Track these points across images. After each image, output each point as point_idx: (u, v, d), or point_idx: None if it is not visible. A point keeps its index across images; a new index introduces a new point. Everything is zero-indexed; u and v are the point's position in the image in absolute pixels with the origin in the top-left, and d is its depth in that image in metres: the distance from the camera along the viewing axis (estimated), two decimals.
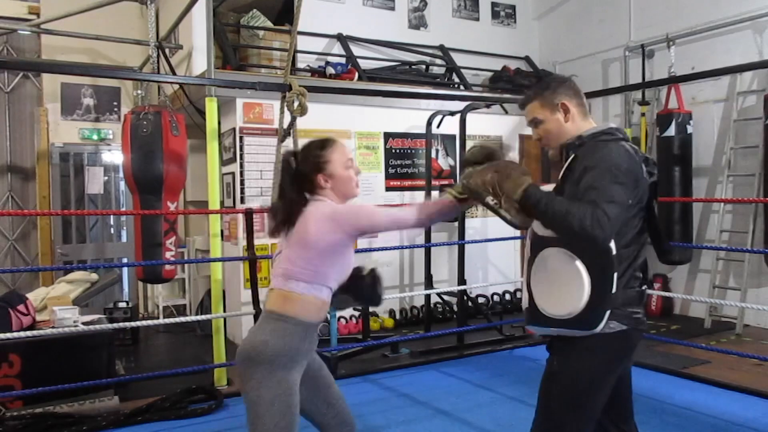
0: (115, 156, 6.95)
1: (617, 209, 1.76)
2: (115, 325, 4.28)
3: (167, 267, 4.65)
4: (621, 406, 2.14)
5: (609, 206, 1.73)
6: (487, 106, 6.15)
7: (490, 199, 1.94)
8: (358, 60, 6.46)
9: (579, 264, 1.84)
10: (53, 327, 3.97)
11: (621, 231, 1.88)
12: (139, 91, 5.28)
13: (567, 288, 1.87)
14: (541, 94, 2.05)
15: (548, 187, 1.99)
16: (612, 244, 1.83)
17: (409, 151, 6.55)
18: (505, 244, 6.66)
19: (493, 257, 6.90)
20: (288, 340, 2.02)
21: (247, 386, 2.00)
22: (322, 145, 2.18)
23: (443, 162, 6.73)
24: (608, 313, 1.85)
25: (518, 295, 6.93)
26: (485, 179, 1.93)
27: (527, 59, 7.85)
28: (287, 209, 2.13)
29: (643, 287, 2.01)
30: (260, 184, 5.53)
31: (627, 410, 2.17)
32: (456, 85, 7.08)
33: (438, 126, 6.20)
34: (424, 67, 7.09)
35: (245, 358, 2.01)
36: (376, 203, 6.10)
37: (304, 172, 2.15)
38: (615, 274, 1.84)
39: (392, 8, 7.08)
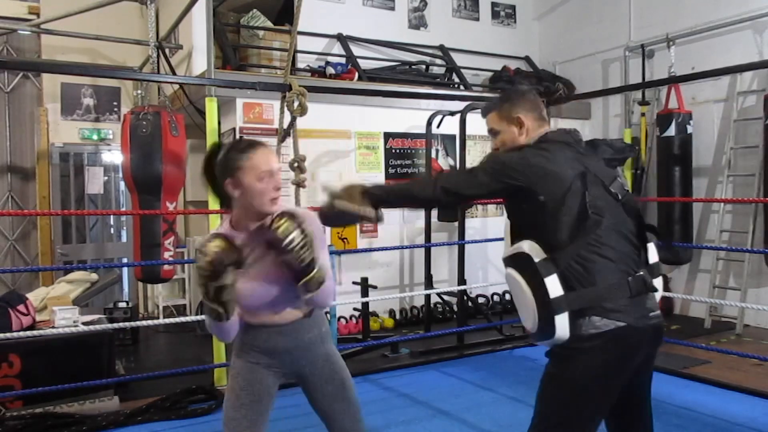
0: (115, 156, 6.95)
1: (459, 180, 1.99)
2: (115, 325, 4.28)
3: (166, 267, 4.65)
4: (631, 417, 2.00)
5: (450, 176, 1.94)
6: None
7: (355, 207, 2.01)
8: (358, 60, 6.46)
9: (519, 278, 1.89)
10: (53, 327, 3.97)
11: (552, 233, 1.84)
12: (139, 91, 5.28)
13: (522, 304, 1.91)
14: (500, 107, 2.10)
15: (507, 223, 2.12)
16: (527, 249, 1.86)
17: (409, 151, 6.54)
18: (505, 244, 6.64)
19: (493, 257, 6.89)
20: (238, 334, 2.10)
21: None
22: (242, 148, 1.96)
23: (443, 162, 6.73)
24: (562, 316, 1.80)
25: None
26: (337, 201, 2.05)
27: (527, 59, 7.85)
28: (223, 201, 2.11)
29: (637, 273, 1.87)
30: None
31: (639, 421, 2.02)
32: (456, 85, 7.08)
33: (438, 126, 6.19)
34: (424, 67, 7.09)
35: None
36: None
37: (216, 172, 1.99)
38: (550, 278, 1.81)
39: (392, 8, 7.08)
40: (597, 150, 2.02)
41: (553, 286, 1.81)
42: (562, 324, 1.81)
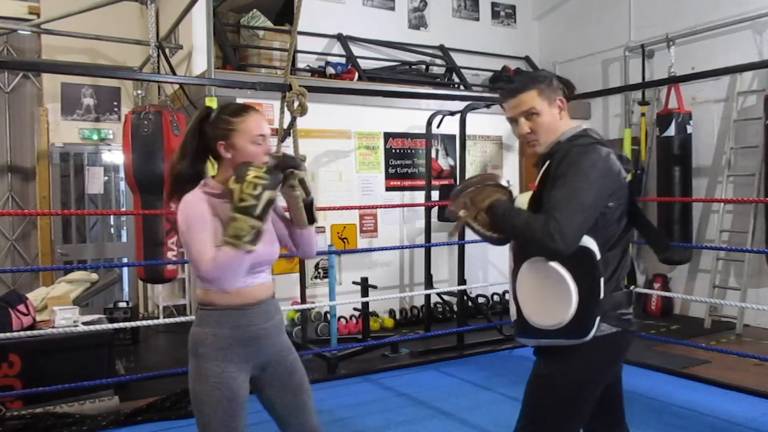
0: (115, 156, 6.95)
1: (575, 218, 1.73)
2: (115, 325, 4.27)
3: (169, 267, 4.65)
4: (612, 410, 2.09)
5: (563, 216, 1.72)
6: (487, 106, 6.15)
7: (462, 213, 1.94)
8: (358, 60, 6.46)
9: (563, 272, 1.79)
10: (53, 327, 3.97)
11: (605, 235, 1.85)
12: (140, 91, 5.28)
13: (553, 297, 1.82)
14: (540, 85, 1.95)
15: (525, 194, 1.99)
16: (595, 249, 1.80)
17: (409, 151, 6.55)
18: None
19: (493, 257, 6.90)
20: (204, 327, 1.93)
21: (189, 379, 1.98)
22: (234, 111, 1.97)
23: (443, 162, 6.73)
24: (599, 319, 1.81)
25: None
26: (461, 200, 1.96)
27: (527, 59, 7.85)
28: (177, 179, 1.99)
29: (631, 287, 1.98)
30: None
31: (618, 413, 2.12)
32: (456, 85, 7.08)
33: (438, 126, 6.20)
34: (424, 67, 7.10)
35: (189, 353, 1.98)
36: (375, 203, 6.13)
37: (208, 135, 1.97)
38: (602, 279, 1.80)
39: (392, 8, 7.08)
40: (622, 159, 1.99)
41: (603, 286, 1.80)
42: (596, 324, 1.81)
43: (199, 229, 1.86)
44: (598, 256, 1.80)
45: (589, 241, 1.79)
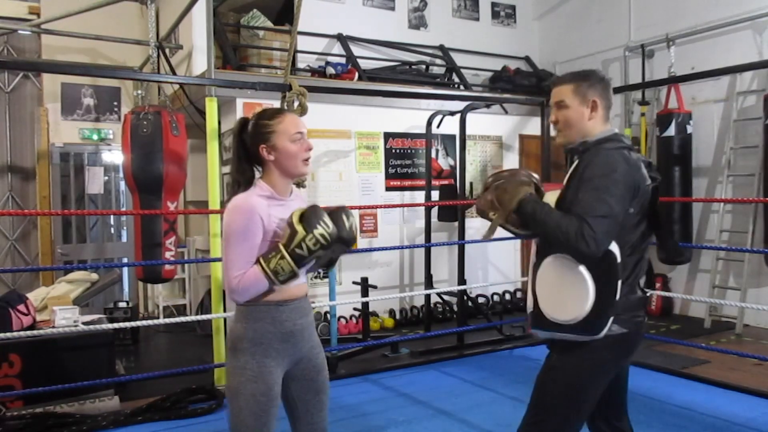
0: (115, 156, 6.95)
1: (606, 223, 1.80)
2: (115, 325, 4.27)
3: (167, 267, 4.65)
4: (615, 404, 2.16)
5: (596, 221, 1.78)
6: (487, 106, 6.16)
7: (491, 215, 1.98)
8: (358, 60, 6.46)
9: (584, 270, 1.86)
10: (53, 327, 3.97)
11: (625, 239, 1.91)
12: (139, 91, 5.28)
13: (571, 294, 1.89)
14: (578, 82, 2.03)
15: (553, 192, 2.03)
16: (617, 252, 1.86)
17: (409, 151, 6.55)
18: (505, 244, 6.66)
19: (493, 257, 6.90)
20: (245, 323, 1.98)
21: (225, 374, 2.05)
22: (270, 115, 2.04)
23: (443, 162, 6.73)
24: (612, 319, 1.88)
25: (518, 295, 6.93)
26: (488, 197, 1.99)
27: (527, 59, 7.85)
28: (233, 183, 2.04)
29: (646, 292, 2.05)
30: None
31: (621, 408, 2.19)
32: (456, 85, 7.08)
33: (438, 126, 6.20)
34: (424, 67, 7.09)
35: (226, 350, 2.06)
36: (375, 203, 6.13)
37: (248, 142, 2.04)
38: (619, 282, 1.87)
39: (392, 8, 7.08)
40: (650, 167, 2.04)
41: (619, 288, 1.88)
42: (609, 324, 1.88)
43: (238, 241, 1.92)
44: (620, 259, 1.86)
45: (612, 244, 1.86)
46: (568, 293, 1.90)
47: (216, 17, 5.40)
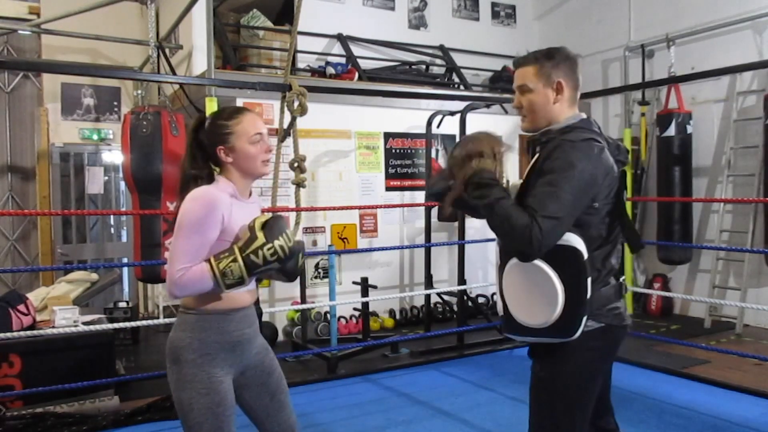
0: (115, 156, 6.95)
1: (554, 224, 1.68)
2: (115, 325, 4.27)
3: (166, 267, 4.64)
4: (601, 401, 2.08)
5: (545, 221, 1.66)
6: (487, 106, 6.15)
7: (450, 183, 1.85)
8: (358, 60, 6.46)
9: (550, 271, 1.76)
10: (53, 327, 3.97)
11: (592, 233, 1.82)
12: (139, 91, 5.28)
13: (540, 297, 1.79)
14: (542, 62, 1.89)
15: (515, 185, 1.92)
16: (583, 249, 1.76)
17: (409, 151, 6.55)
18: None
19: (493, 257, 6.88)
20: (189, 332, 1.90)
21: (171, 386, 1.95)
22: (228, 115, 1.95)
23: (443, 162, 6.73)
24: (585, 318, 1.79)
25: None
26: (451, 159, 1.84)
27: None
28: (181, 183, 1.94)
29: (620, 280, 1.93)
30: (260, 183, 5.53)
31: (604, 406, 2.11)
32: (456, 85, 7.08)
33: (438, 126, 6.20)
34: (424, 67, 7.09)
35: (166, 357, 1.97)
36: (375, 203, 6.13)
37: (205, 143, 1.95)
38: (589, 279, 1.77)
39: (392, 8, 7.08)
40: (619, 150, 1.94)
41: (589, 285, 1.77)
42: (583, 323, 1.79)
43: (191, 233, 1.82)
44: (586, 256, 1.76)
45: (576, 241, 1.76)
46: (536, 296, 1.79)
47: (216, 17, 5.40)
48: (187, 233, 1.82)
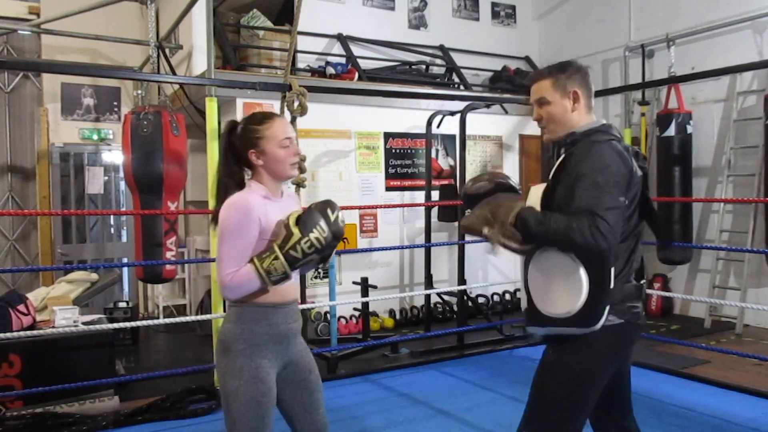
0: (115, 156, 6.95)
1: (615, 215, 1.77)
2: (115, 325, 4.28)
3: (167, 267, 4.65)
4: (620, 404, 2.14)
5: (607, 213, 1.75)
6: (487, 106, 6.16)
7: (486, 230, 1.94)
8: (358, 60, 6.46)
9: (575, 261, 1.84)
10: (53, 327, 3.97)
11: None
12: (139, 91, 5.28)
13: (564, 287, 1.86)
14: (556, 75, 2.00)
15: (537, 187, 2.00)
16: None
17: (409, 151, 6.55)
18: None
19: (493, 257, 6.90)
20: (240, 324, 1.98)
21: (218, 376, 2.04)
22: (259, 120, 2.06)
23: (443, 162, 6.73)
24: (607, 309, 1.85)
25: (518, 294, 6.93)
26: (478, 214, 1.97)
27: (527, 59, 7.85)
28: (220, 187, 2.06)
29: (641, 281, 2.01)
30: None
31: (626, 407, 2.17)
32: (456, 85, 7.08)
33: (438, 126, 6.20)
34: (424, 67, 7.09)
35: (216, 349, 2.07)
36: (375, 203, 6.13)
37: (237, 145, 2.05)
38: (612, 270, 1.84)
39: (392, 8, 7.08)
40: (638, 157, 2.03)
41: (612, 277, 1.85)
42: (605, 315, 1.85)
43: (233, 238, 1.92)
44: (610, 249, 1.82)
45: None
46: (561, 287, 1.87)
47: (216, 17, 5.40)
48: (229, 239, 1.93)
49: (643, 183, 2.00)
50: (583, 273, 1.82)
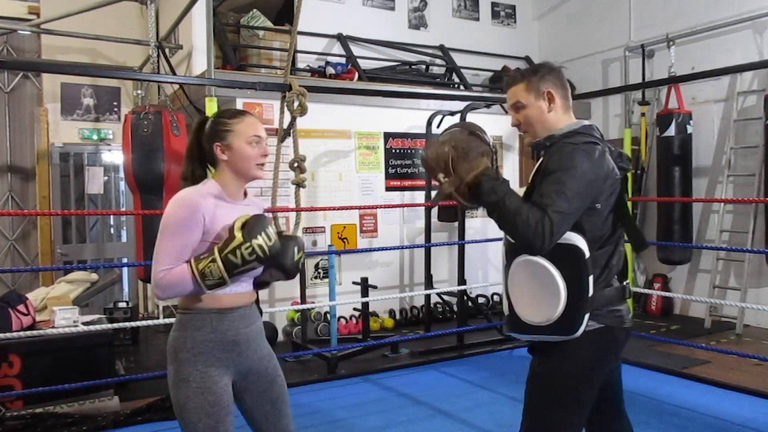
0: (115, 156, 6.95)
1: (561, 219, 1.73)
2: (115, 325, 4.28)
3: None
4: (610, 407, 2.11)
5: (556, 216, 1.72)
6: (487, 106, 6.15)
7: (441, 177, 1.84)
8: (358, 60, 6.46)
9: (553, 270, 1.81)
10: (53, 327, 3.97)
11: (594, 234, 1.86)
12: (139, 91, 5.28)
13: (543, 295, 1.84)
14: (529, 78, 1.97)
15: (520, 191, 1.97)
16: (584, 248, 1.81)
17: (409, 151, 6.55)
18: None
19: (493, 257, 6.89)
20: (183, 331, 1.92)
21: (169, 386, 1.98)
22: (231, 114, 2.00)
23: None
24: (587, 316, 1.83)
25: None
26: (440, 152, 1.84)
27: (527, 59, 7.85)
28: (182, 179, 2.00)
29: (624, 283, 1.98)
30: (260, 183, 5.53)
31: (617, 410, 2.14)
32: (456, 85, 7.08)
33: (438, 126, 6.19)
34: (424, 67, 7.10)
35: (167, 359, 1.98)
36: (375, 203, 6.13)
37: (204, 140, 1.99)
38: (590, 278, 1.82)
39: (392, 8, 7.08)
40: (621, 158, 2.00)
41: (591, 284, 1.82)
42: (585, 322, 1.83)
43: (171, 235, 1.85)
44: (587, 255, 1.81)
45: (578, 239, 1.81)
46: (540, 294, 1.85)
47: (216, 17, 5.40)
48: (169, 235, 1.85)
49: (623, 185, 1.96)
50: (560, 281, 1.80)
